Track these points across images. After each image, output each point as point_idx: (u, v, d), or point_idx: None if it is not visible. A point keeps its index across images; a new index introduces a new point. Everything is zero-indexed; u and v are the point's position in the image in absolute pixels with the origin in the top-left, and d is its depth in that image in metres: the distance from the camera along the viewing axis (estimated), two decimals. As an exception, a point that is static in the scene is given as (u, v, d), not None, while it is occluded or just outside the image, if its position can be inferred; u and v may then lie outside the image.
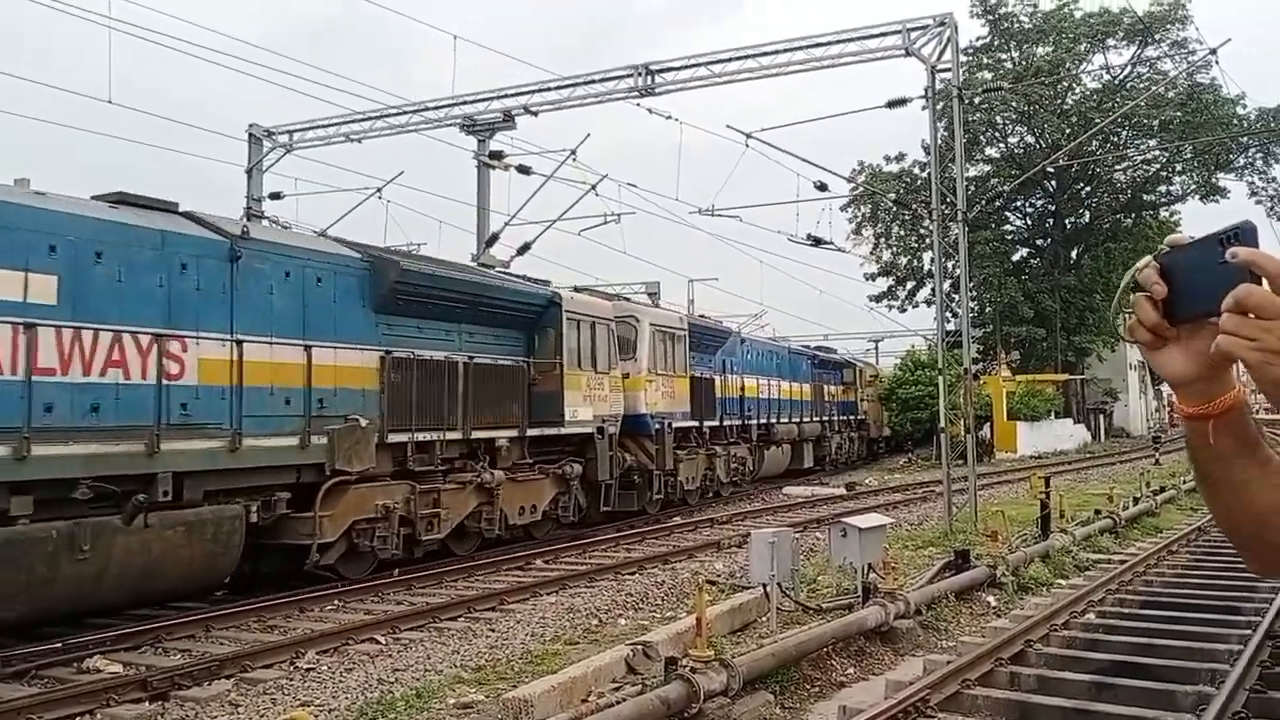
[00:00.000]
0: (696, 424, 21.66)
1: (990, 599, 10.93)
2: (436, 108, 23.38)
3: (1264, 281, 1.11)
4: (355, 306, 12.85)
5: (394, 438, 13.03)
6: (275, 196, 23.98)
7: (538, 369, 16.03)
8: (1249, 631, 8.26)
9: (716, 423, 22.95)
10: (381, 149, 24.78)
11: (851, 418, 36.70)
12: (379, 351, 12.96)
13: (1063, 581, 11.81)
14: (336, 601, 11.41)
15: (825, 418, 32.88)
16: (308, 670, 8.52)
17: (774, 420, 27.36)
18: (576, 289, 19.92)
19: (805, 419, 30.51)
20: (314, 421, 11.75)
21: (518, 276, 17.51)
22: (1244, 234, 1.13)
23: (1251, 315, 1.10)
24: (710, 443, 22.56)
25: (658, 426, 19.30)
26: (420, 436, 13.47)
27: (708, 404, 22.38)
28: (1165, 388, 76.52)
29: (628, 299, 20.74)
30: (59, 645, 8.96)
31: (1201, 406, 1.23)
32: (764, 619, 9.80)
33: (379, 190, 21.22)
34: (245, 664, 8.53)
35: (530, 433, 15.71)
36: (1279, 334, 1.09)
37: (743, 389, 25.29)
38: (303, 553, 11.69)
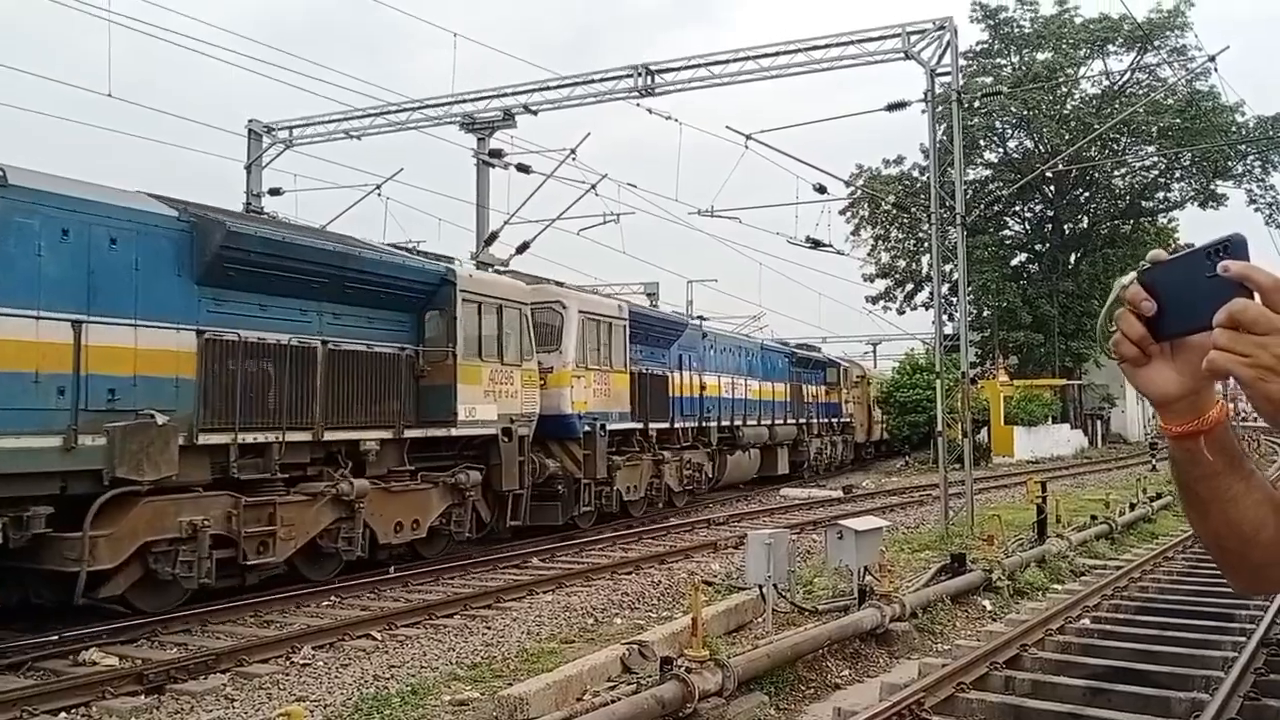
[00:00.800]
0: (640, 426, 19.39)
1: (986, 603, 10.94)
2: (436, 105, 23.38)
3: (1255, 296, 1.08)
4: (167, 276, 10.36)
5: (210, 439, 10.56)
6: (275, 192, 23.98)
7: (428, 359, 13.57)
8: (1243, 638, 8.27)
9: (667, 425, 20.77)
10: (381, 146, 24.83)
11: (835, 420, 34.49)
12: (198, 331, 10.57)
13: (1058, 586, 11.83)
14: (333, 597, 11.43)
15: (803, 420, 30.51)
16: (303, 665, 8.53)
17: (740, 422, 25.06)
18: (479, 265, 18.08)
19: (779, 421, 28.22)
20: (97, 417, 9.36)
21: (415, 252, 15.12)
22: (1234, 247, 1.10)
23: (1244, 330, 1.08)
24: (659, 447, 20.35)
25: (587, 428, 17.12)
26: (248, 437, 10.98)
27: (656, 404, 20.22)
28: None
29: (560, 283, 18.62)
30: (55, 637, 8.98)
31: (1189, 424, 1.21)
32: (760, 620, 9.81)
33: (378, 187, 21.22)
34: (241, 658, 8.55)
35: (411, 434, 13.27)
36: (1274, 349, 1.07)
37: (703, 388, 22.89)
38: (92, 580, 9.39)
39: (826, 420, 33.66)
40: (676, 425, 21.27)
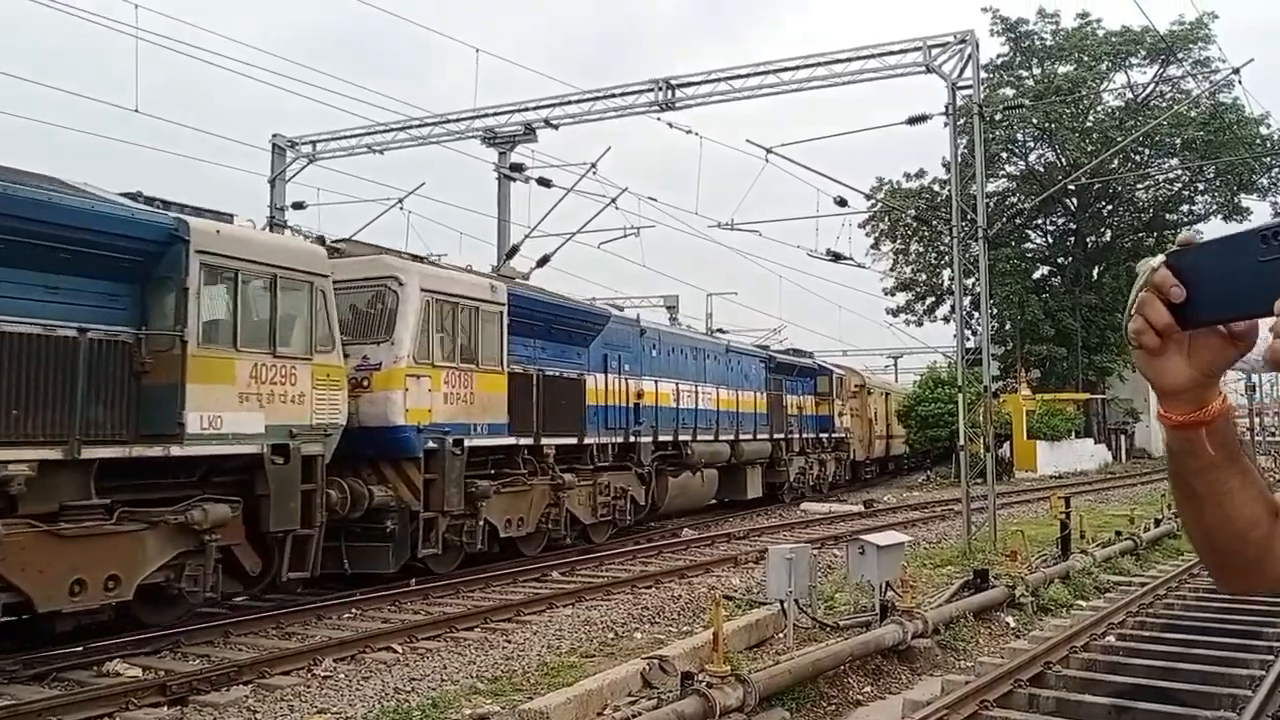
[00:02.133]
0: (528, 442, 15.19)
1: (1009, 619, 10.86)
2: (458, 120, 23.55)
3: None
4: None
5: None
6: (298, 206, 24.19)
7: (151, 347, 9.62)
8: (1270, 656, 8.19)
9: (576, 440, 16.51)
10: (404, 160, 24.99)
11: (825, 435, 30.29)
12: None
13: (1083, 603, 11.73)
14: (354, 610, 11.45)
15: (783, 435, 26.40)
16: (325, 677, 8.56)
17: (690, 437, 20.78)
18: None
19: (748, 436, 23.81)
20: None
21: (144, 201, 10.47)
22: None
23: None
24: (561, 469, 15.98)
25: (432, 444, 12.96)
26: None
27: (562, 414, 16.06)
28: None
29: (397, 252, 14.47)
30: (80, 649, 9.03)
31: (1192, 414, 1.19)
32: (781, 635, 9.78)
33: (400, 201, 21.33)
34: (263, 670, 8.58)
35: (99, 453, 9.08)
36: None
37: (638, 395, 18.71)
38: None
39: (814, 435, 29.49)
40: (589, 441, 16.95)
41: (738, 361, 24.81)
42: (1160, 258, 1.14)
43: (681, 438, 20.54)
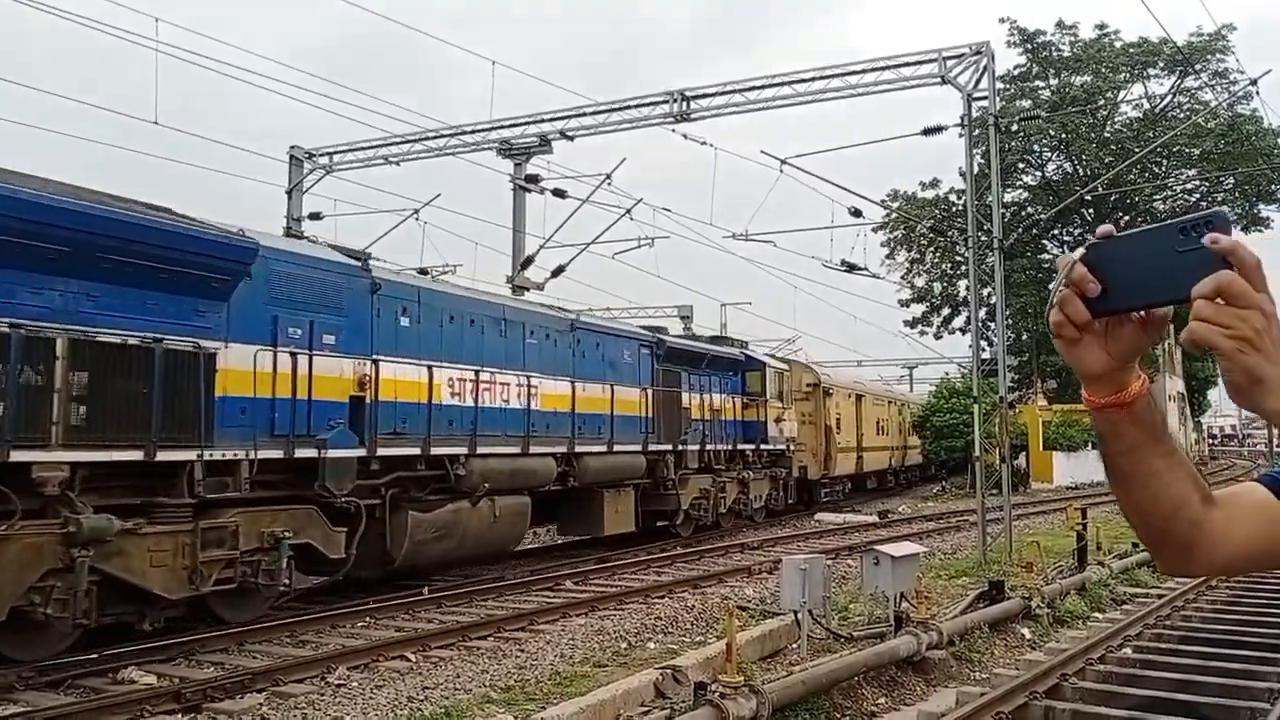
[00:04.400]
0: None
1: (1025, 631, 10.79)
2: (474, 131, 23.64)
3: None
4: None
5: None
6: (315, 217, 24.32)
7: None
8: (1291, 670, 8.10)
9: (145, 456, 9.37)
10: (420, 171, 25.08)
11: (754, 448, 22.88)
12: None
13: (1099, 615, 11.64)
14: (368, 618, 11.47)
15: (675, 447, 19.44)
16: (338, 686, 8.57)
17: (465, 449, 13.80)
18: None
19: (597, 447, 16.93)
20: None
21: None
22: (1218, 221, 1.12)
23: (1227, 303, 1.11)
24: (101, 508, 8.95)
25: None
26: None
27: (113, 406, 9.18)
28: (1205, 419, 75.11)
29: None
30: (95, 655, 9.08)
31: (1113, 397, 1.26)
32: (794, 646, 9.74)
33: (416, 212, 21.46)
34: (277, 678, 8.61)
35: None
36: (1253, 323, 1.11)
37: (361, 384, 12.20)
38: None
39: (738, 447, 22.20)
40: (217, 455, 10.14)
41: (596, 345, 17.55)
42: (1079, 251, 1.20)
43: (445, 449, 13.46)
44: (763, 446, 23.50)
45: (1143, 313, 1.22)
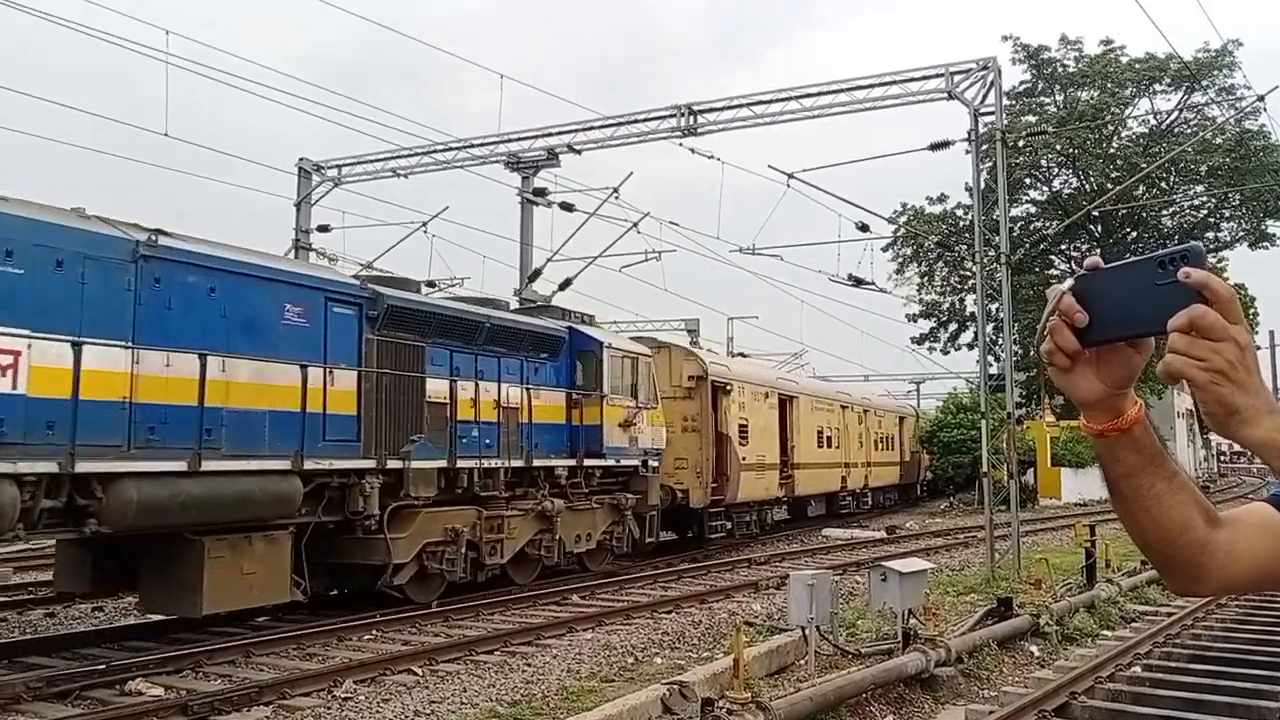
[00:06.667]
0: None
1: (1033, 648, 10.75)
2: (482, 145, 23.72)
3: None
4: None
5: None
6: (323, 229, 24.42)
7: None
8: (1301, 689, 8.05)
9: None
10: (428, 184, 25.17)
11: (574, 464, 15.90)
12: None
13: (1108, 633, 11.59)
14: (375, 631, 11.47)
15: (384, 462, 12.19)
16: (345, 699, 8.57)
17: None
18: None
19: (181, 463, 9.70)
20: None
21: None
22: (1193, 256, 1.15)
23: (1200, 336, 1.14)
24: None
25: None
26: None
27: None
28: (1214, 437, 74.98)
29: None
30: (103, 666, 9.09)
31: (1110, 423, 1.29)
32: (802, 662, 9.71)
33: (424, 225, 21.54)
34: (284, 691, 8.60)
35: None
36: (1226, 355, 1.14)
37: None
38: None
39: (535, 464, 14.96)
40: None
41: (209, 290, 10.62)
42: (1069, 283, 1.24)
43: None
44: (592, 462, 16.30)
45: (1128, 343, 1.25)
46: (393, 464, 12.38)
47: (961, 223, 42.02)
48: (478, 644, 10.71)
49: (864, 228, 21.47)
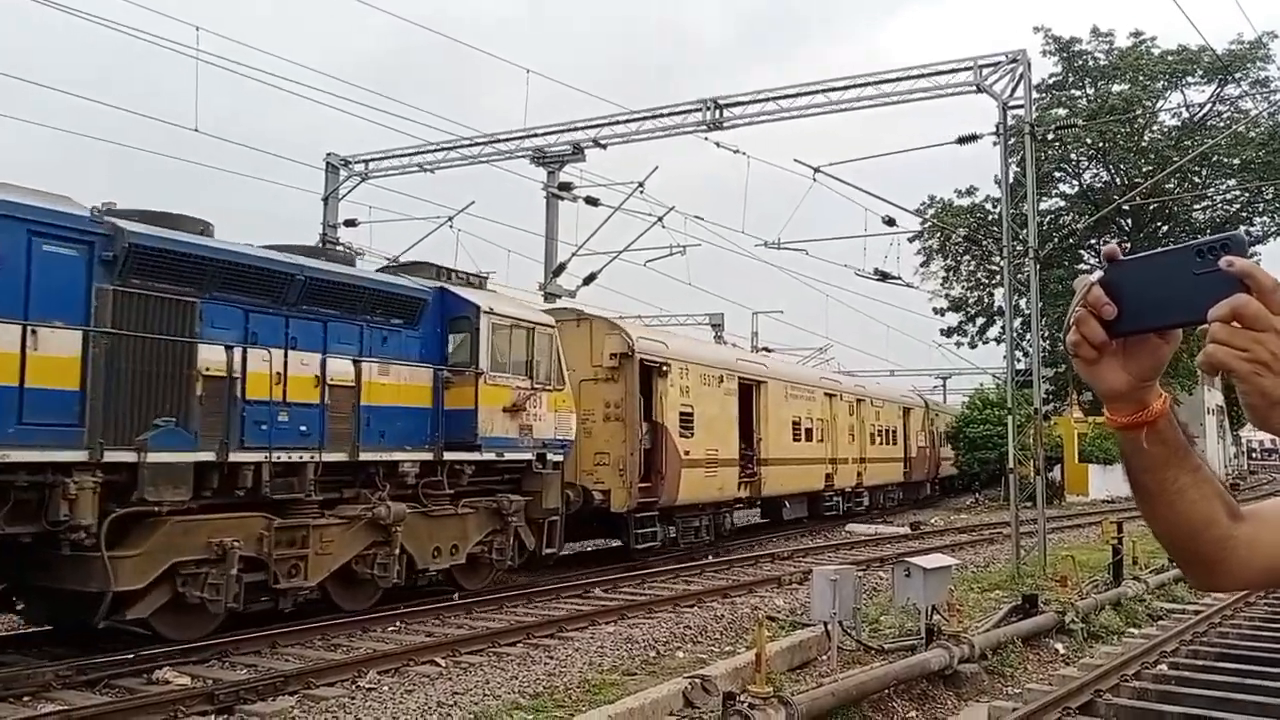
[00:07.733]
0: None
1: (1058, 646, 10.68)
2: (508, 139, 23.77)
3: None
4: None
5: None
6: (350, 224, 24.57)
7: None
8: (1331, 689, 7.95)
9: None
10: (454, 178, 25.26)
11: (430, 459, 12.73)
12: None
13: (1134, 630, 11.49)
14: (398, 623, 11.55)
15: (100, 454, 8.91)
16: (369, 690, 8.64)
17: None
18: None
19: None
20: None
21: None
22: (1235, 245, 1.13)
23: (1243, 326, 1.11)
24: None
25: None
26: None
27: None
28: (1244, 433, 73.88)
29: None
30: (131, 655, 9.20)
31: (1134, 416, 1.27)
32: (824, 657, 9.69)
33: (450, 219, 21.61)
34: (309, 681, 8.69)
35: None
36: (1270, 346, 1.11)
37: None
38: None
39: (384, 460, 12.19)
40: None
41: None
42: (1096, 274, 1.22)
43: None
44: (459, 456, 13.20)
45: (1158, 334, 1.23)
46: (117, 456, 9.10)
47: (990, 216, 41.67)
48: (500, 636, 10.77)
49: (890, 222, 21.37)
